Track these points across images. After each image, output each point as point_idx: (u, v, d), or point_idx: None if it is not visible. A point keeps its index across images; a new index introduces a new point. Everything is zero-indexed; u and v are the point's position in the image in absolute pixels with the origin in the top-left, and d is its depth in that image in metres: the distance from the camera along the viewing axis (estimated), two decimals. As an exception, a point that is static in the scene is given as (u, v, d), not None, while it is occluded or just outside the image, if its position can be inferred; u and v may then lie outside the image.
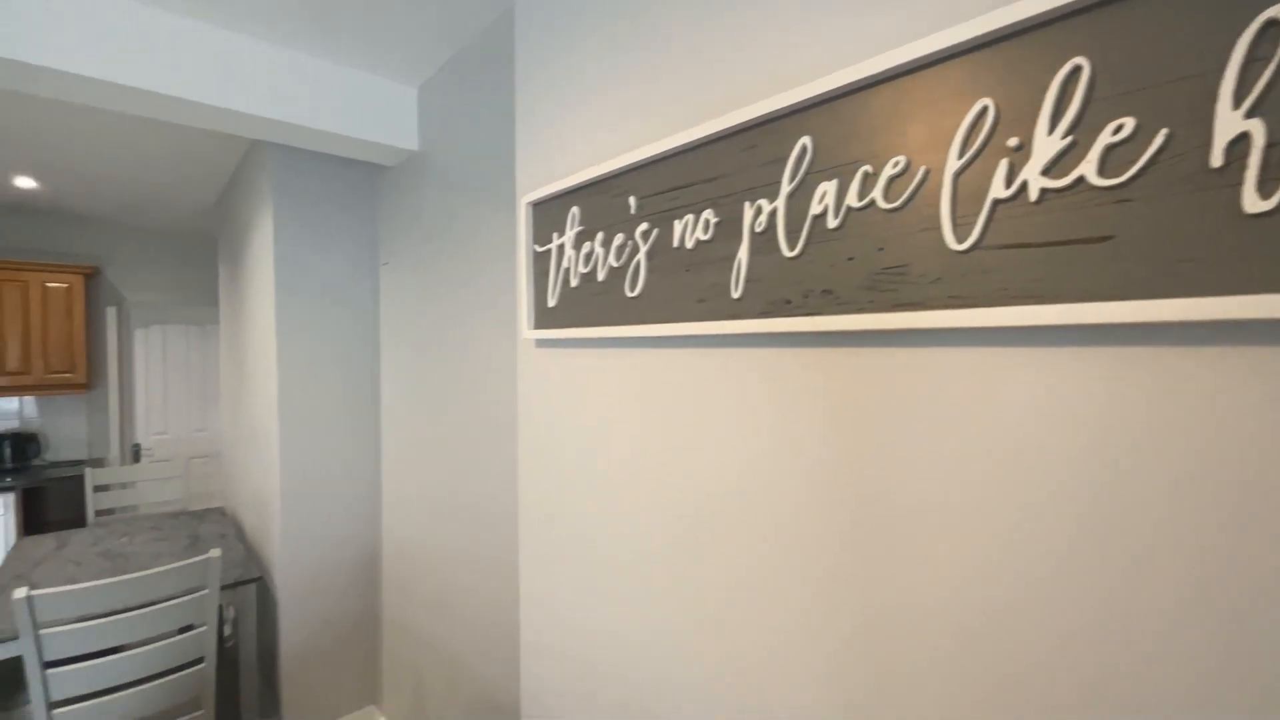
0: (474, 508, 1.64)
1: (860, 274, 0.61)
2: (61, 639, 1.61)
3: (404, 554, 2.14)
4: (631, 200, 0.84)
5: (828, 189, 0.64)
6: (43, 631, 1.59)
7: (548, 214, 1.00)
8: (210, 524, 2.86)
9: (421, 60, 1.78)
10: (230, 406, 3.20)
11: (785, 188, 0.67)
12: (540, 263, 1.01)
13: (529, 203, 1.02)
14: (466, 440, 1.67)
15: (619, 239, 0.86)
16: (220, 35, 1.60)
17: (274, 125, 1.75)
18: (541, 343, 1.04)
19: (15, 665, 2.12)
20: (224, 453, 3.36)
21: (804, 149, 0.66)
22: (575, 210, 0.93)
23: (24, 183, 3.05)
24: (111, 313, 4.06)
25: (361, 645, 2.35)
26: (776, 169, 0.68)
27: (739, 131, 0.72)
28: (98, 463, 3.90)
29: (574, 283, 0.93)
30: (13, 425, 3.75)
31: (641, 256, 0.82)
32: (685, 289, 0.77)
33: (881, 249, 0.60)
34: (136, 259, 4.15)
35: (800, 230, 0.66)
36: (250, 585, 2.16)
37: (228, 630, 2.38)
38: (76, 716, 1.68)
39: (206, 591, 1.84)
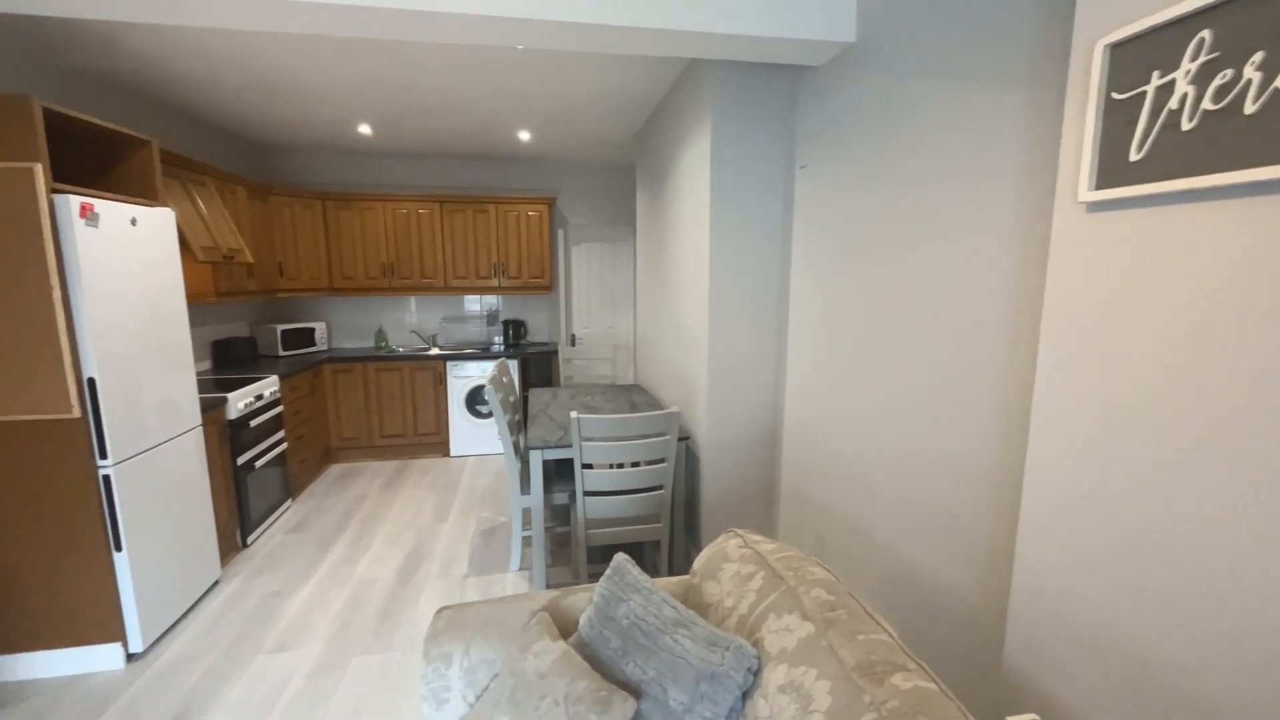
0: (927, 406, 1.67)
1: None
2: (592, 449, 2.31)
3: (806, 437, 2.35)
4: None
5: None
6: (583, 443, 2.30)
7: (1140, 53, 0.87)
8: (637, 395, 3.66)
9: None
10: (646, 306, 3.94)
11: None
12: (1119, 113, 0.90)
13: (1108, 45, 0.91)
14: (917, 339, 1.69)
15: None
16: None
17: (712, 39, 1.94)
18: (1106, 205, 0.93)
19: (566, 463, 3.14)
20: (640, 342, 4.18)
21: None
22: (1205, 35, 0.79)
23: (523, 136, 4.17)
24: (560, 233, 5.37)
25: (760, 505, 2.73)
26: None
27: None
28: (552, 346, 5.33)
29: (1188, 124, 0.80)
30: (510, 315, 5.40)
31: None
32: None
33: None
34: (575, 189, 5.34)
35: None
36: (682, 442, 2.70)
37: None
38: (594, 503, 2.41)
39: (668, 437, 2.37)
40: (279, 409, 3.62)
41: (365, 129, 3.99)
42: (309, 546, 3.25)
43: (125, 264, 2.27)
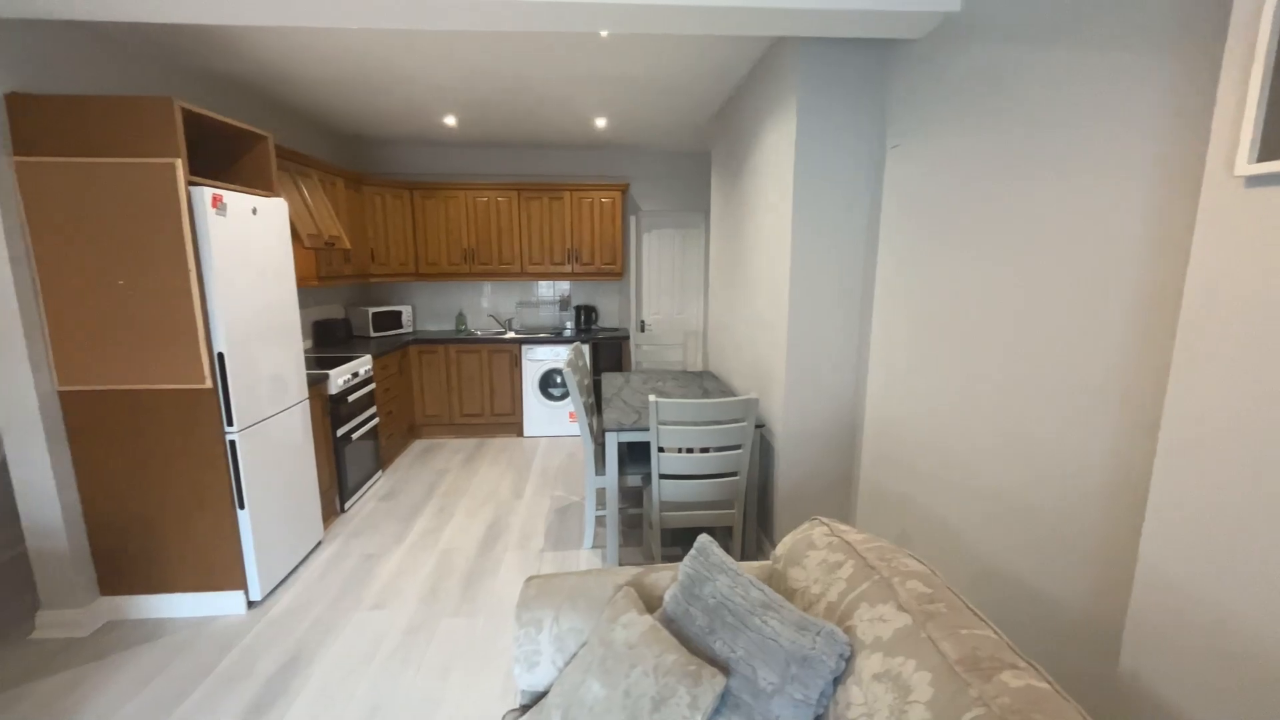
0: (1034, 401, 1.59)
1: None
2: (669, 433, 2.33)
3: (890, 428, 2.27)
4: None
5: None
6: (660, 426, 2.32)
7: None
8: (708, 381, 3.65)
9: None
10: (719, 292, 3.91)
11: None
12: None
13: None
14: (1023, 329, 1.59)
15: None
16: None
17: (802, 15, 1.88)
18: (1270, 179, 0.84)
19: (639, 447, 3.20)
20: (711, 329, 4.16)
21: None
22: None
23: (599, 123, 4.21)
24: (633, 220, 5.40)
25: (837, 496, 2.67)
26: None
27: None
28: (622, 332, 5.39)
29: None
30: (581, 300, 5.50)
31: None
32: None
33: None
34: (647, 176, 5.34)
35: None
36: (756, 430, 2.68)
37: (733, 461, 3.03)
38: (669, 486, 2.44)
39: (745, 423, 2.36)
40: (372, 386, 3.88)
41: (450, 120, 4.16)
42: (398, 515, 3.49)
43: (247, 250, 2.49)
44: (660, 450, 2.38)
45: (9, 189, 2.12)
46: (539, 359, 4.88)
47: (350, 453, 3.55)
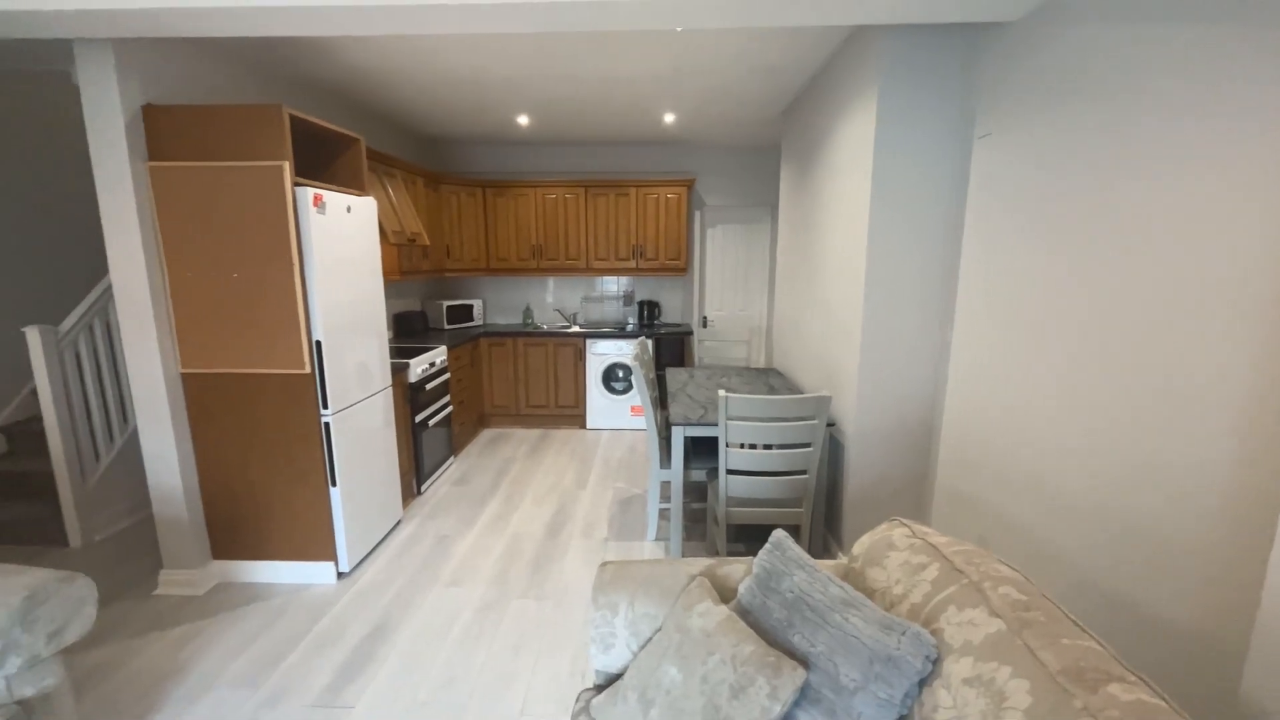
0: (1142, 406, 1.49)
1: None
2: (738, 428, 2.33)
3: (971, 431, 2.18)
4: None
5: None
6: (729, 421, 2.32)
7: None
8: (774, 379, 3.60)
9: None
10: (786, 288, 3.84)
11: None
12: None
13: None
14: (1131, 331, 1.49)
15: None
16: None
17: (899, 1, 1.81)
18: None
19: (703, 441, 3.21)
20: (777, 326, 4.10)
21: None
22: None
23: (668, 118, 4.23)
24: (697, 215, 5.39)
25: (909, 499, 2.59)
26: None
27: None
28: (685, 327, 5.39)
29: None
30: (645, 296, 5.54)
31: None
32: None
33: None
34: (714, 170, 5.31)
35: None
36: (827, 429, 2.62)
37: (800, 460, 2.98)
38: (736, 481, 2.44)
39: (816, 421, 2.32)
40: (446, 376, 4.06)
41: (523, 119, 4.28)
42: (470, 499, 3.65)
43: (342, 246, 2.67)
44: (728, 446, 2.38)
45: (145, 192, 2.36)
46: (602, 353, 4.96)
47: (426, 438, 3.75)
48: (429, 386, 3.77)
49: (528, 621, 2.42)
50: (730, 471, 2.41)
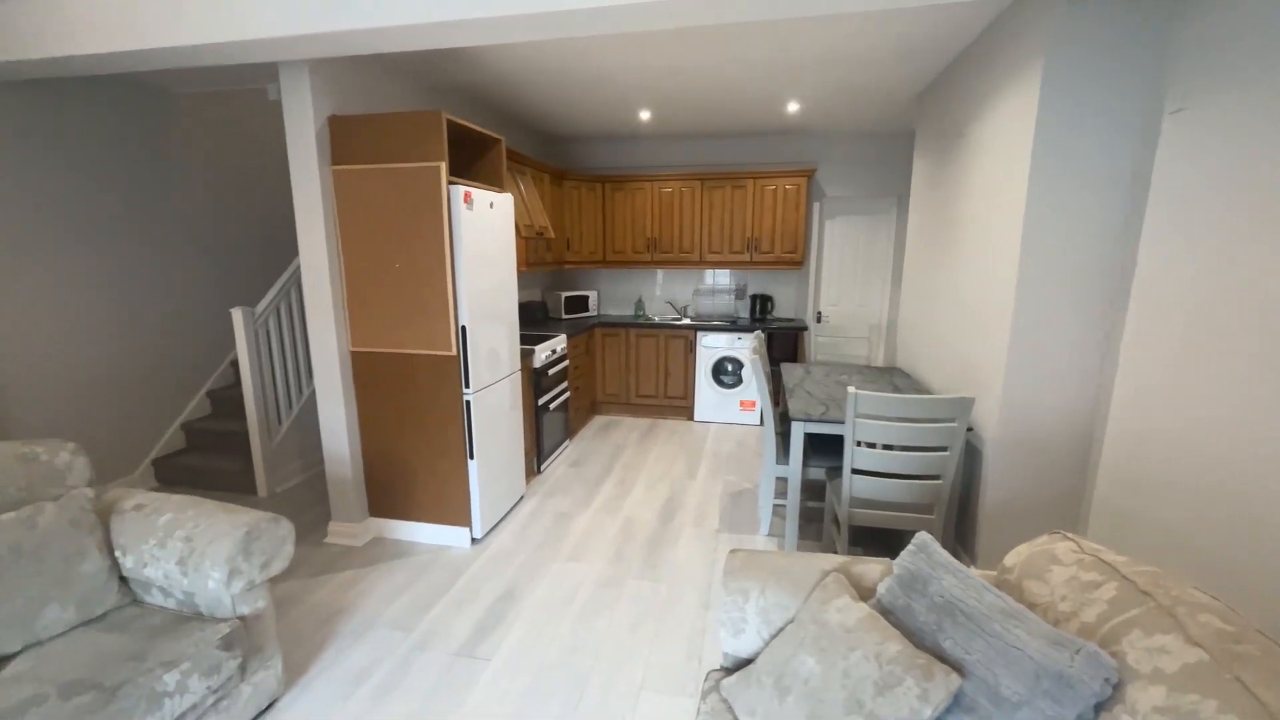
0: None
1: None
2: (867, 427, 2.25)
3: (1144, 444, 1.94)
4: None
5: None
6: (858, 419, 2.25)
7: None
8: (898, 378, 3.42)
9: None
10: (915, 283, 3.62)
11: None
12: None
13: None
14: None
15: None
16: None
17: None
18: None
19: (821, 438, 3.14)
20: (902, 323, 3.88)
21: None
22: None
23: (791, 108, 4.12)
24: (816, 206, 5.22)
25: (1058, 514, 2.36)
26: None
27: None
28: (798, 322, 5.24)
29: None
30: (758, 290, 5.46)
31: None
32: None
33: None
34: (836, 160, 5.11)
35: None
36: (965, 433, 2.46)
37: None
38: (861, 482, 2.36)
39: (955, 424, 2.19)
40: (565, 363, 4.28)
41: (645, 114, 4.37)
42: (585, 481, 3.82)
43: (484, 239, 2.90)
44: (855, 444, 2.31)
45: (328, 192, 2.71)
46: (712, 346, 4.96)
47: (547, 421, 3.97)
48: (550, 372, 3.99)
49: (643, 601, 2.51)
50: (855, 471, 2.34)
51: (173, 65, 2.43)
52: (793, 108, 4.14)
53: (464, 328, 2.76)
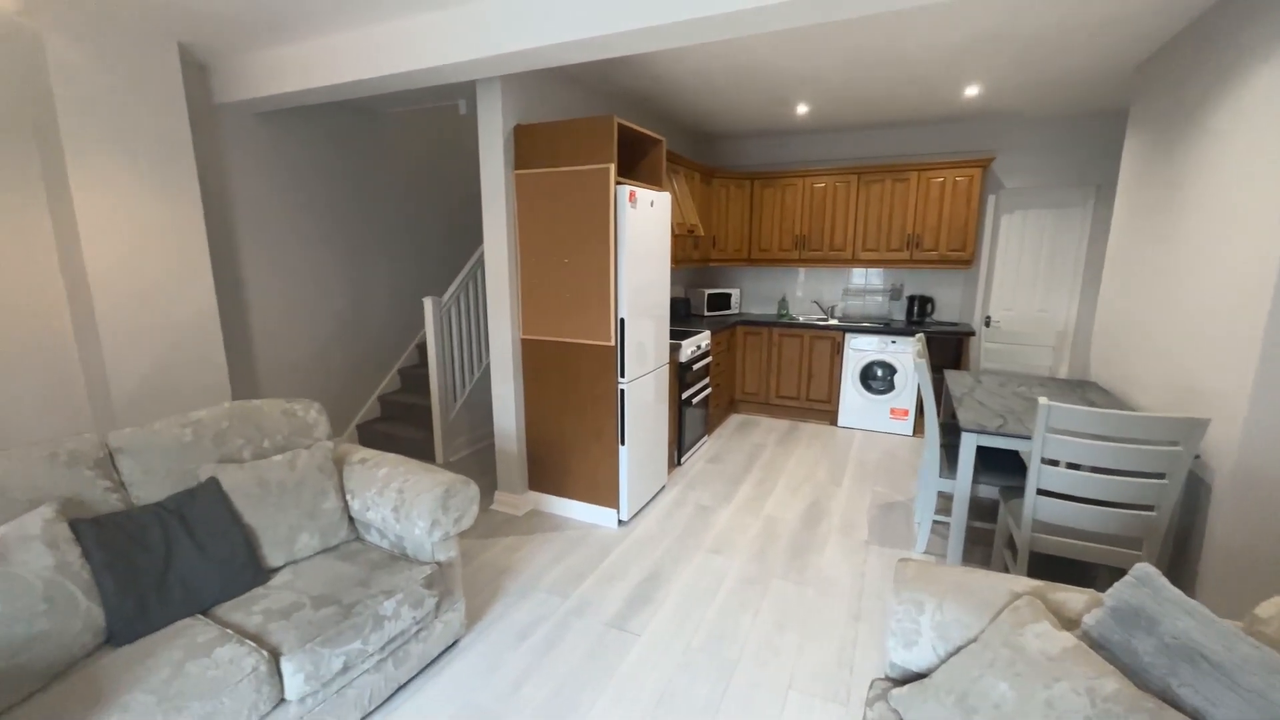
0: None
1: None
2: (1061, 444, 2.01)
3: None
4: None
5: None
6: (1049, 434, 2.02)
7: None
8: (1093, 393, 3.00)
9: None
10: (1119, 285, 3.14)
11: None
12: None
13: None
14: None
15: None
16: None
17: None
18: None
19: (994, 454, 2.88)
20: (1101, 331, 3.39)
21: None
22: None
23: (970, 91, 3.77)
24: (991, 200, 4.73)
25: (1321, 578, 1.93)
26: None
27: None
28: (963, 327, 4.79)
29: None
30: (916, 290, 5.08)
31: None
32: None
33: None
34: (1021, 147, 4.58)
35: None
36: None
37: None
38: (1049, 505, 2.12)
39: (1179, 448, 1.88)
40: (708, 359, 4.32)
41: (803, 109, 4.26)
42: (724, 477, 3.84)
43: (644, 237, 3.03)
44: (1044, 462, 2.07)
45: (511, 194, 3.00)
46: (861, 349, 4.71)
47: (688, 415, 4.05)
48: (694, 368, 4.06)
49: (789, 602, 2.47)
50: (1042, 492, 2.10)
51: (401, 88, 2.83)
52: (971, 91, 3.78)
53: (622, 320, 2.91)
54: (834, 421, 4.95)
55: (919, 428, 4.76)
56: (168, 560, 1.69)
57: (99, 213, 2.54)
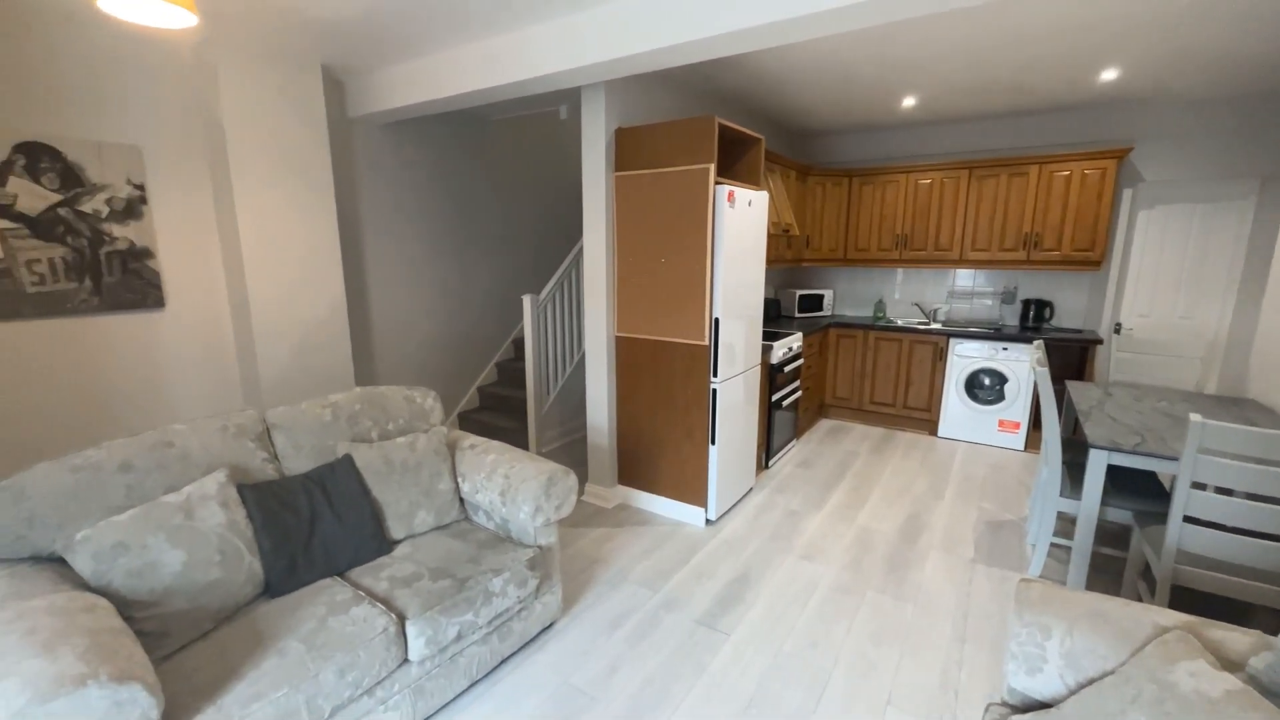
0: None
1: None
2: (1216, 468, 1.80)
3: None
4: None
5: None
6: (1201, 455, 1.81)
7: None
8: (1252, 412, 2.64)
9: None
10: (1294, 289, 2.74)
11: None
12: None
13: None
14: None
15: None
16: None
17: None
18: None
19: (1125, 474, 2.63)
20: (1265, 343, 2.97)
21: None
22: None
23: (1106, 75, 3.43)
24: (1127, 194, 4.27)
25: None
26: None
27: None
28: (1088, 334, 4.36)
29: None
30: (1032, 293, 4.69)
31: None
32: None
33: None
34: (1165, 135, 4.11)
35: None
36: (1379, 494, 1.80)
37: None
38: (1198, 534, 1.90)
39: (1373, 480, 1.62)
40: (799, 362, 4.22)
41: (910, 101, 4.06)
42: (814, 483, 3.74)
43: (741, 237, 3.02)
44: (1194, 486, 1.86)
45: (610, 195, 3.09)
46: (968, 355, 4.42)
47: (778, 418, 3.98)
48: (785, 370, 3.98)
49: (886, 617, 2.38)
50: (1189, 519, 1.88)
51: (514, 95, 2.99)
52: (1108, 75, 3.44)
53: (717, 320, 2.92)
54: (933, 431, 4.68)
55: (1032, 442, 4.39)
56: (312, 525, 1.90)
57: (256, 228, 2.89)
